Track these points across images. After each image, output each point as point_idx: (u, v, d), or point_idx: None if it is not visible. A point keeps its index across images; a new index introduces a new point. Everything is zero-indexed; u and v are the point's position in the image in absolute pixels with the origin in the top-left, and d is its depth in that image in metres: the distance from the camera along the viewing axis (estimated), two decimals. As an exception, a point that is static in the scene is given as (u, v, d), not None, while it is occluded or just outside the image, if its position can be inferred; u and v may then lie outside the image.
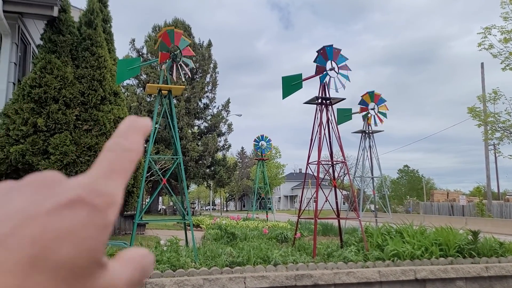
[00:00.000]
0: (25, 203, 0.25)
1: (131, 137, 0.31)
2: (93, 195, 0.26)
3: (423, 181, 63.58)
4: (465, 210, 33.69)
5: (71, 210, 0.25)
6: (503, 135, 18.95)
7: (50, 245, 0.23)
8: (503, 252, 7.42)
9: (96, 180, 0.27)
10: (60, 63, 8.91)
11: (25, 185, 0.27)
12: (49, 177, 0.27)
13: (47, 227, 0.23)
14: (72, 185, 0.27)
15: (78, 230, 0.24)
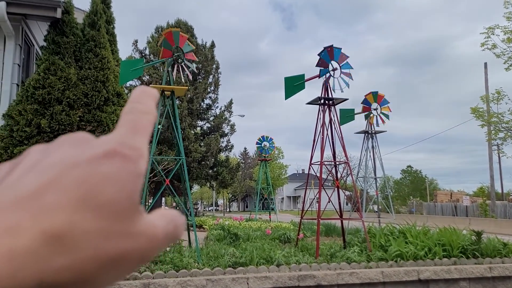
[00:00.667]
0: (66, 154, 0.27)
1: (145, 102, 0.33)
2: (125, 147, 0.29)
3: (426, 181, 63.39)
4: (468, 210, 33.58)
5: (108, 159, 0.27)
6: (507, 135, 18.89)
7: (93, 188, 0.25)
8: (506, 252, 7.40)
9: (124, 136, 0.30)
10: (63, 64, 8.95)
11: (61, 142, 0.30)
12: (82, 135, 0.31)
13: (90, 173, 0.26)
14: (104, 141, 0.29)
15: (116, 176, 0.27)
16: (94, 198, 0.25)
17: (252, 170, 63.20)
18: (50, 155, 0.28)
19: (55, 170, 0.26)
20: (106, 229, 0.25)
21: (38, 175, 0.26)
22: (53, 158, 0.27)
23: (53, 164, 0.27)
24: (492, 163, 29.40)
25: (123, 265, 0.26)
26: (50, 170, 0.26)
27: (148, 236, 0.27)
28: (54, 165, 0.26)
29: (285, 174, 62.64)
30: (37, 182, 0.25)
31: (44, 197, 0.25)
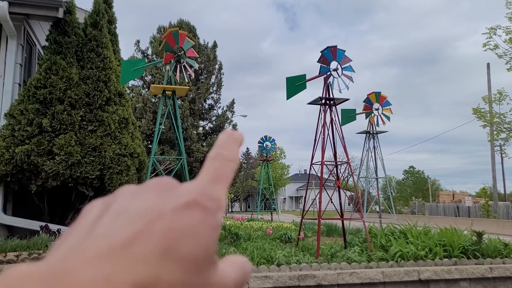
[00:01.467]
0: (152, 203, 0.29)
1: (231, 148, 0.34)
2: (205, 199, 0.30)
3: (428, 182, 63.27)
4: (471, 211, 33.49)
5: (189, 211, 0.28)
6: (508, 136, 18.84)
7: (176, 240, 0.26)
8: (507, 253, 7.38)
9: (206, 186, 0.31)
10: (65, 64, 8.98)
11: (148, 188, 0.31)
12: (167, 181, 0.32)
13: (173, 225, 0.27)
14: (187, 189, 0.30)
15: (196, 228, 0.27)
16: (176, 250, 0.26)
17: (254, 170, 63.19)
18: (137, 201, 0.29)
19: (143, 220, 0.27)
20: (187, 282, 0.26)
21: (127, 223, 0.27)
22: (141, 206, 0.28)
23: (141, 213, 0.28)
24: (494, 164, 29.33)
25: None
26: (138, 219, 0.27)
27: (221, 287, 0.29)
28: (142, 215, 0.27)
29: (287, 174, 62.61)
30: (127, 232, 0.26)
31: (133, 247, 0.25)
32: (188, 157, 29.78)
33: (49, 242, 7.22)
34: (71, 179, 8.62)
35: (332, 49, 8.54)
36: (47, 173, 8.32)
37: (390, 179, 67.45)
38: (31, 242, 7.09)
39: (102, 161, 8.70)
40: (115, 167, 8.80)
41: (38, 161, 8.30)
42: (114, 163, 8.80)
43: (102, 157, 8.71)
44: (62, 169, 8.38)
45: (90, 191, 8.80)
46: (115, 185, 8.76)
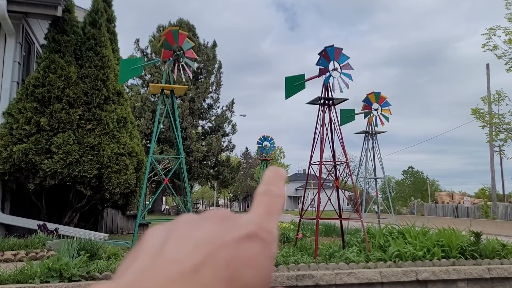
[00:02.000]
0: (214, 232, 0.30)
1: (278, 185, 0.37)
2: (263, 231, 0.31)
3: (427, 182, 63.31)
4: (469, 211, 33.50)
5: (250, 242, 0.30)
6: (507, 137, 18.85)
7: (239, 269, 0.28)
8: (505, 253, 7.37)
9: (262, 219, 0.32)
10: (63, 62, 8.96)
11: (207, 217, 0.32)
12: (224, 212, 0.33)
13: (235, 254, 0.28)
14: (245, 221, 0.32)
15: (256, 259, 0.29)
16: (238, 279, 0.27)
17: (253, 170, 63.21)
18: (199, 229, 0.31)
19: (207, 248, 0.28)
20: None
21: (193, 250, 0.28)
22: (204, 234, 0.30)
23: (205, 241, 0.29)
24: (493, 164, 29.35)
25: None
26: (203, 247, 0.28)
27: None
28: (206, 242, 0.29)
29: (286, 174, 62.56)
30: (194, 258, 0.27)
31: (201, 273, 0.27)
32: (187, 156, 29.78)
33: (46, 241, 7.21)
34: (69, 178, 8.61)
35: (323, 54, 8.53)
36: (45, 172, 8.31)
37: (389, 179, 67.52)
38: (28, 241, 7.07)
39: (100, 160, 8.69)
40: (113, 166, 8.79)
41: (36, 159, 8.28)
42: (112, 162, 8.79)
43: (100, 156, 8.70)
44: (60, 168, 8.37)
45: (88, 190, 8.79)
46: (113, 184, 8.75)
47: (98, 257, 6.17)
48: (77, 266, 5.24)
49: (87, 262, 5.65)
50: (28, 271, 5.03)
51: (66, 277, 5.09)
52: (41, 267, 5.05)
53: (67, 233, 8.15)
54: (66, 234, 7.90)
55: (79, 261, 5.36)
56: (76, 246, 5.94)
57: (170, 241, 0.30)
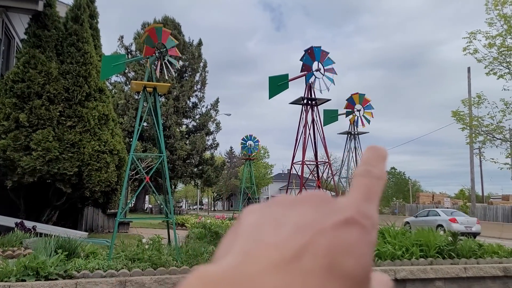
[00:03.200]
0: (312, 216, 0.29)
1: (379, 166, 0.35)
2: (362, 216, 0.30)
3: (409, 183, 64.16)
4: (449, 212, 34.09)
5: (348, 227, 0.29)
6: (486, 139, 19.21)
7: (339, 256, 0.27)
8: (482, 253, 7.51)
9: (360, 203, 0.31)
10: (44, 58, 8.83)
11: (304, 200, 0.31)
12: (322, 195, 0.32)
13: (334, 241, 0.27)
14: (343, 205, 0.31)
15: (356, 246, 0.28)
16: (339, 267, 0.26)
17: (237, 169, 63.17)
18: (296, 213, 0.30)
19: (306, 234, 0.28)
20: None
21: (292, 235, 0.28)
22: (301, 218, 0.29)
23: (303, 225, 0.28)
24: (473, 166, 29.88)
25: None
26: (302, 232, 0.28)
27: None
28: (304, 228, 0.28)
29: (270, 174, 62.73)
30: (295, 244, 0.27)
31: (302, 260, 0.26)
32: (171, 155, 29.59)
33: (24, 239, 7.09)
34: (49, 176, 8.48)
35: (309, 52, 8.60)
36: (24, 169, 8.17)
37: (372, 180, 68.13)
38: (5, 239, 6.95)
39: (81, 157, 8.58)
40: (94, 163, 8.69)
41: (15, 156, 8.14)
42: (93, 159, 8.69)
43: (80, 153, 8.59)
44: (39, 165, 8.24)
45: (68, 188, 8.67)
46: (93, 182, 8.65)
47: (77, 255, 6.09)
48: (54, 264, 5.17)
49: (65, 260, 5.57)
50: (4, 270, 4.94)
51: (43, 276, 5.02)
52: (17, 266, 4.97)
53: (45, 231, 8.02)
54: (44, 232, 7.78)
55: (56, 259, 5.29)
56: (53, 244, 5.86)
57: (267, 223, 0.29)
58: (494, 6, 17.43)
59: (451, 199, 40.32)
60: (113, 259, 6.14)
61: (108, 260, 5.98)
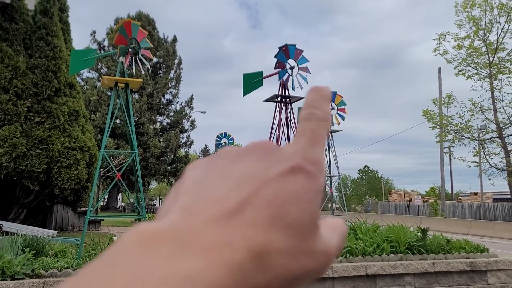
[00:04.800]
0: (256, 167, 0.29)
1: (322, 107, 0.33)
2: (308, 163, 0.29)
3: (382, 181, 65.35)
4: (420, 209, 34.90)
5: (294, 176, 0.28)
6: (455, 138, 19.75)
7: (283, 206, 0.26)
8: (449, 249, 7.70)
9: (306, 149, 0.30)
10: (11, 52, 8.55)
11: (249, 151, 0.31)
12: (267, 145, 0.31)
13: (279, 191, 0.27)
14: (288, 153, 0.30)
15: (301, 194, 0.27)
16: (284, 217, 0.26)
17: (212, 167, 62.88)
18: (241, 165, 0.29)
19: (250, 186, 0.27)
20: (294, 249, 0.26)
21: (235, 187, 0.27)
22: (245, 170, 0.29)
23: (247, 177, 0.28)
24: (443, 165, 30.66)
25: (301, 281, 0.27)
26: (245, 184, 0.27)
27: (325, 253, 0.29)
28: (248, 179, 0.28)
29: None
30: (237, 197, 0.27)
31: (245, 213, 0.26)
32: (144, 152, 29.21)
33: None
34: (16, 173, 8.23)
35: (284, 49, 8.62)
36: (-11, 166, 7.91)
37: (345, 178, 69.13)
38: (-31, 238, 6.70)
39: (50, 154, 8.36)
40: (64, 160, 8.48)
41: (-21, 153, 7.87)
42: (62, 156, 8.48)
43: (49, 150, 8.37)
44: (5, 161, 7.98)
45: (36, 185, 8.44)
46: (63, 179, 8.44)
47: (45, 254, 5.94)
48: (21, 263, 5.03)
49: (32, 259, 5.42)
50: (-33, 270, 4.77)
51: (9, 275, 4.88)
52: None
53: (12, 230, 7.79)
54: (11, 231, 7.55)
55: (23, 258, 5.14)
56: (20, 243, 5.70)
57: (210, 178, 0.29)
58: (463, 8, 17.90)
59: (422, 196, 41.29)
60: (82, 258, 6.02)
61: (77, 259, 5.86)
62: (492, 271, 7.46)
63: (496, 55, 18.62)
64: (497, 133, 19.41)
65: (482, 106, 19.34)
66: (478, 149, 20.11)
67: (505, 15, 18.17)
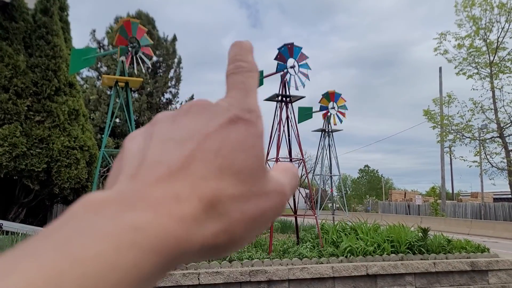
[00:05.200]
0: (196, 124, 0.29)
1: (247, 59, 0.34)
2: (245, 112, 0.30)
3: (382, 181, 65.33)
4: (420, 209, 34.88)
5: (233, 126, 0.29)
6: (456, 137, 19.73)
7: (229, 156, 0.27)
8: (450, 249, 7.70)
9: (240, 100, 0.31)
10: (11, 50, 8.53)
11: (185, 111, 0.31)
12: (201, 102, 0.32)
13: (222, 142, 0.28)
14: (224, 107, 0.30)
15: (244, 141, 0.29)
16: (231, 165, 0.27)
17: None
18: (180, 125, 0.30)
19: (192, 142, 0.28)
20: (246, 192, 0.27)
21: (178, 147, 0.28)
22: (186, 129, 0.29)
23: (188, 135, 0.28)
24: (443, 164, 30.64)
25: (261, 222, 0.29)
26: (187, 142, 0.28)
27: (279, 193, 0.30)
28: (189, 137, 0.28)
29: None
30: (181, 155, 0.27)
31: (191, 168, 0.26)
32: (144, 152, 29.13)
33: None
34: (15, 172, 8.21)
35: (289, 47, 8.59)
36: (-11, 165, 7.89)
37: (346, 178, 69.09)
38: (-32, 238, 6.70)
39: (50, 153, 8.34)
40: (64, 160, 8.46)
41: (-21, 152, 7.85)
42: (62, 155, 8.46)
43: (49, 149, 8.35)
44: (5, 161, 7.96)
45: (36, 184, 8.42)
46: (63, 179, 8.43)
47: (44, 254, 5.92)
48: (20, 263, 5.00)
49: (32, 259, 5.40)
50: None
51: (8, 275, 4.85)
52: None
53: (12, 229, 7.77)
54: (11, 230, 7.54)
55: (22, 258, 5.11)
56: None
57: (151, 144, 0.29)
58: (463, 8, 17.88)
59: (423, 196, 41.25)
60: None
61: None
62: (493, 271, 7.45)
63: (497, 55, 18.61)
64: (498, 132, 19.38)
65: (483, 105, 19.33)
66: (479, 148, 20.08)
67: (506, 14, 18.15)
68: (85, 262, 0.20)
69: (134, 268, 0.22)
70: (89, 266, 0.20)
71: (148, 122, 0.32)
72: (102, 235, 0.22)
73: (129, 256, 0.21)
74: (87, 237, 0.21)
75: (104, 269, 0.20)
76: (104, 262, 0.20)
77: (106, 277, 0.20)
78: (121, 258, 0.21)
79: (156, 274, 0.23)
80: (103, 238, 0.21)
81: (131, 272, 0.21)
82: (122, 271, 0.21)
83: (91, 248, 0.21)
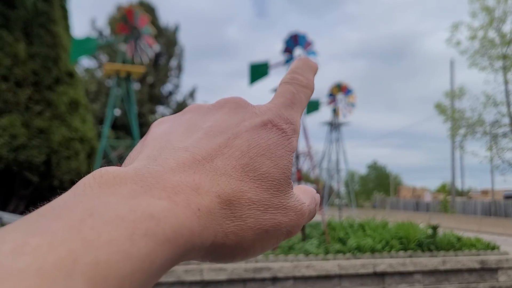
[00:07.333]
0: (228, 120, 0.28)
1: (306, 75, 0.33)
2: (281, 120, 0.29)
3: (390, 177, 64.93)
4: (429, 206, 34.51)
5: (266, 131, 0.28)
6: (467, 132, 19.37)
7: (255, 159, 0.26)
8: (460, 246, 7.51)
9: (281, 108, 0.30)
10: (11, 39, 8.36)
11: (220, 105, 0.30)
12: (238, 100, 0.31)
13: (251, 143, 0.27)
14: (262, 109, 0.29)
15: (273, 149, 0.27)
16: (256, 169, 0.26)
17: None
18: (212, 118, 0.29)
19: (221, 137, 0.27)
20: (265, 202, 0.26)
21: (206, 138, 0.27)
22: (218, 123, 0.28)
23: (218, 129, 0.27)
24: (454, 160, 30.28)
25: (273, 237, 0.27)
26: (217, 136, 0.27)
27: (297, 212, 0.28)
28: (219, 131, 0.27)
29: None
30: (208, 146, 0.26)
31: (215, 162, 0.25)
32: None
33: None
34: (15, 163, 8.06)
35: (294, 36, 8.38)
36: (-12, 156, 7.75)
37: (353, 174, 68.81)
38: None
39: (50, 145, 8.18)
40: (64, 151, 8.30)
41: (-22, 142, 7.71)
42: (62, 147, 8.30)
43: (49, 140, 8.19)
44: (5, 152, 7.82)
45: (36, 176, 8.27)
46: (63, 171, 8.27)
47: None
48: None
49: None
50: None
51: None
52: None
53: (12, 222, 7.64)
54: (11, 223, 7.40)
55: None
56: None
57: (178, 130, 0.28)
58: (477, -3, 17.46)
59: (432, 193, 40.86)
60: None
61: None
62: (503, 269, 7.26)
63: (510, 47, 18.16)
64: (510, 127, 18.98)
65: (495, 99, 18.91)
66: (490, 144, 19.69)
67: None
68: (98, 247, 0.19)
69: (147, 258, 0.20)
70: (102, 252, 0.19)
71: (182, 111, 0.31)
72: (116, 219, 0.20)
73: (142, 245, 0.20)
74: (101, 219, 0.20)
75: (117, 256, 0.19)
76: (117, 249, 0.19)
77: (118, 265, 0.19)
78: (134, 246, 0.20)
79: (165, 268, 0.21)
80: (117, 223, 0.20)
81: (143, 263, 0.20)
82: (135, 260, 0.19)
83: (105, 233, 0.19)
